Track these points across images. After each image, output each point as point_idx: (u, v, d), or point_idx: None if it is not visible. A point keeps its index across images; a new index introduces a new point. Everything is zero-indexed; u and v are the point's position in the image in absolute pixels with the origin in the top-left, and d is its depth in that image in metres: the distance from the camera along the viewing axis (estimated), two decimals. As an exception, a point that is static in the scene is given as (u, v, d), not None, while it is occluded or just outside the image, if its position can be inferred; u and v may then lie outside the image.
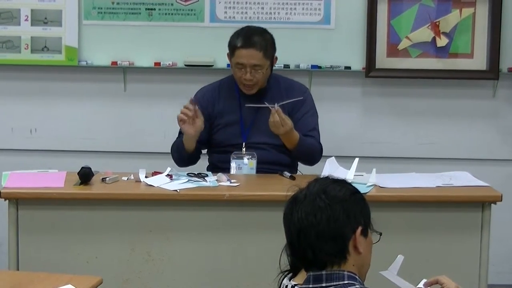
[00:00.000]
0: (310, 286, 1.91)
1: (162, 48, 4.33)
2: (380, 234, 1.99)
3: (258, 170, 3.50)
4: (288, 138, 3.48)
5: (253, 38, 3.52)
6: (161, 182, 3.25)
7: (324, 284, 1.89)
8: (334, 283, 1.89)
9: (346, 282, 1.89)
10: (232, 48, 3.55)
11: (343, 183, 1.99)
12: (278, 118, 3.37)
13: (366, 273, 2.01)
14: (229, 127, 3.62)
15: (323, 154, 3.67)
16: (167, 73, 4.35)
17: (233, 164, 3.50)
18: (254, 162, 3.50)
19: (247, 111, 3.58)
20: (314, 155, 3.61)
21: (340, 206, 1.91)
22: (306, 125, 3.60)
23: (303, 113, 3.62)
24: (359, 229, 1.92)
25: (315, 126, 3.64)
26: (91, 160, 3.88)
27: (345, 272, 1.90)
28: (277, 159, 3.58)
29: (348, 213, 1.91)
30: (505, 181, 4.24)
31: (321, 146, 3.64)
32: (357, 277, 1.92)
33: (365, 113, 4.44)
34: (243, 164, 3.49)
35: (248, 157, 3.51)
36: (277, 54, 3.63)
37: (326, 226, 1.89)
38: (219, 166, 3.58)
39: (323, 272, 1.90)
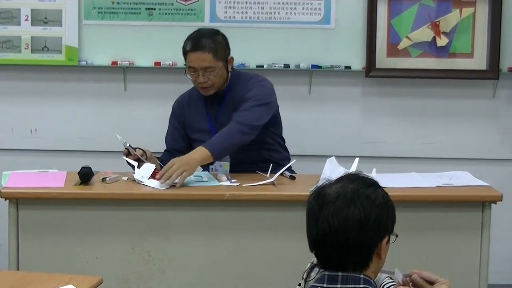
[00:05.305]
0: (325, 285, 1.87)
1: (162, 48, 4.33)
2: (396, 235, 1.96)
3: (237, 170, 3.48)
4: (209, 159, 3.38)
5: (201, 41, 3.48)
6: (155, 183, 3.25)
7: (339, 286, 1.86)
8: (350, 286, 1.86)
9: (361, 286, 1.86)
10: (183, 52, 3.54)
11: (376, 187, 1.95)
12: (169, 174, 3.23)
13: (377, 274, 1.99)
14: (202, 134, 3.58)
15: (323, 154, 3.65)
16: (167, 73, 4.35)
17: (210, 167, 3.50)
18: (227, 165, 3.50)
19: (213, 116, 3.59)
20: (240, 140, 3.43)
21: (374, 216, 1.87)
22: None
23: (245, 100, 3.52)
24: (386, 238, 1.90)
25: (247, 108, 3.49)
26: (91, 160, 3.88)
27: (362, 276, 1.87)
28: (251, 157, 3.54)
29: (380, 223, 1.88)
30: (505, 181, 4.24)
31: (244, 121, 3.44)
32: (372, 281, 1.89)
33: (365, 113, 4.44)
34: (219, 166, 3.50)
35: (222, 161, 3.50)
36: (277, 54, 3.61)
37: (356, 235, 1.85)
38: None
39: (339, 274, 1.87)
